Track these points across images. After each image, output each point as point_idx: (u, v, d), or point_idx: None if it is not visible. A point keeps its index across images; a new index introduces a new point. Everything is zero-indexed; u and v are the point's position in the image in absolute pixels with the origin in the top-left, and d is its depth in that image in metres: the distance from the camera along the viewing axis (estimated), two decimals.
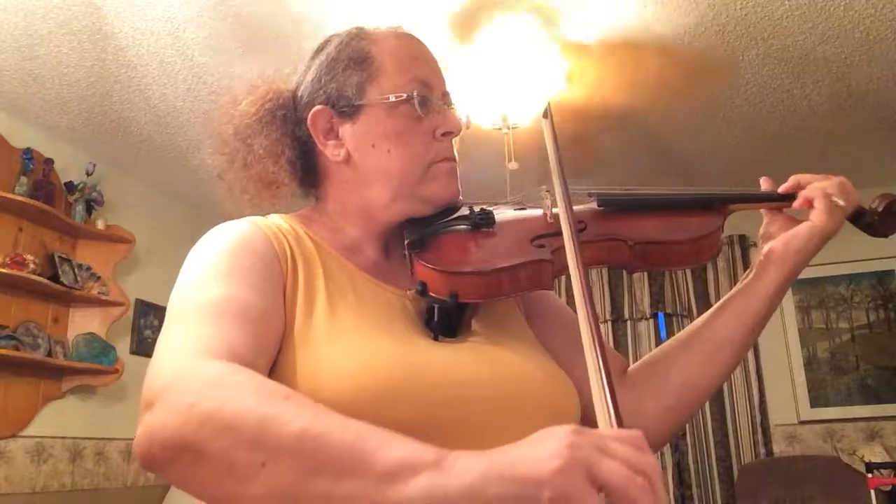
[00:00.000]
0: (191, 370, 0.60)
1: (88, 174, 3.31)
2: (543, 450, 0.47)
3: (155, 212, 3.88)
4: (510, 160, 2.78)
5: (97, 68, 2.75)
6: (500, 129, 2.81)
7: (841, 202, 0.86)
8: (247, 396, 0.57)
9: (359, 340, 0.73)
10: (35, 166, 3.06)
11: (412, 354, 0.73)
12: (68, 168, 3.29)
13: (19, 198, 2.93)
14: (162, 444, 0.56)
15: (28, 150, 3.04)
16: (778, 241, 0.88)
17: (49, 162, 3.14)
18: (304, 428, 0.53)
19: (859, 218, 0.90)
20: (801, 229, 0.86)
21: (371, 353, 0.71)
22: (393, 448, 0.51)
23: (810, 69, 2.82)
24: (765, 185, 0.94)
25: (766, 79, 2.89)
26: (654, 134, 3.36)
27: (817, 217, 0.85)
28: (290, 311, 0.75)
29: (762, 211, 0.94)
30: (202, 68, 2.75)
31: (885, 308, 3.99)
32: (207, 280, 0.72)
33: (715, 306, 0.92)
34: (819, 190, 0.87)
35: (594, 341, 0.62)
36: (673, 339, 0.94)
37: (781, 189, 0.91)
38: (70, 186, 3.28)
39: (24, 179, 2.99)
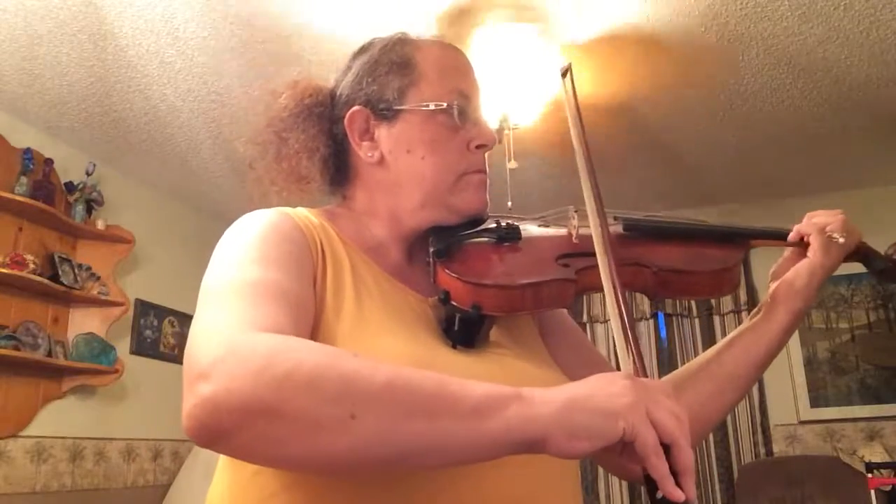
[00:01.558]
0: (248, 340, 0.59)
1: (88, 174, 3.31)
2: (613, 388, 0.56)
3: (155, 212, 3.88)
4: (510, 160, 2.78)
5: (97, 68, 2.75)
6: (500, 129, 2.81)
7: (840, 239, 0.87)
8: (319, 356, 0.57)
9: (384, 339, 0.73)
10: (35, 166, 3.06)
11: (436, 360, 0.74)
12: (68, 168, 3.29)
13: (19, 198, 2.93)
14: (231, 409, 0.54)
15: (28, 150, 3.04)
16: (782, 280, 0.90)
17: (49, 162, 3.14)
18: (390, 377, 0.55)
19: (871, 263, 0.92)
20: (801, 267, 0.88)
21: (395, 353, 0.71)
22: (475, 387, 0.56)
23: (810, 69, 2.82)
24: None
25: (766, 79, 2.89)
26: (655, 134, 3.36)
27: (813, 254, 0.87)
28: (320, 302, 0.75)
29: (785, 250, 0.95)
30: (202, 68, 2.75)
31: (885, 308, 3.99)
32: (244, 263, 0.72)
33: (724, 341, 0.94)
34: (814, 226, 0.88)
35: (617, 300, 0.67)
36: (681, 370, 0.96)
37: (790, 237, 0.92)
38: (70, 186, 3.28)
39: (24, 179, 2.99)
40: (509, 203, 2.71)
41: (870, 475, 3.22)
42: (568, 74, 0.91)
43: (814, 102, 3.08)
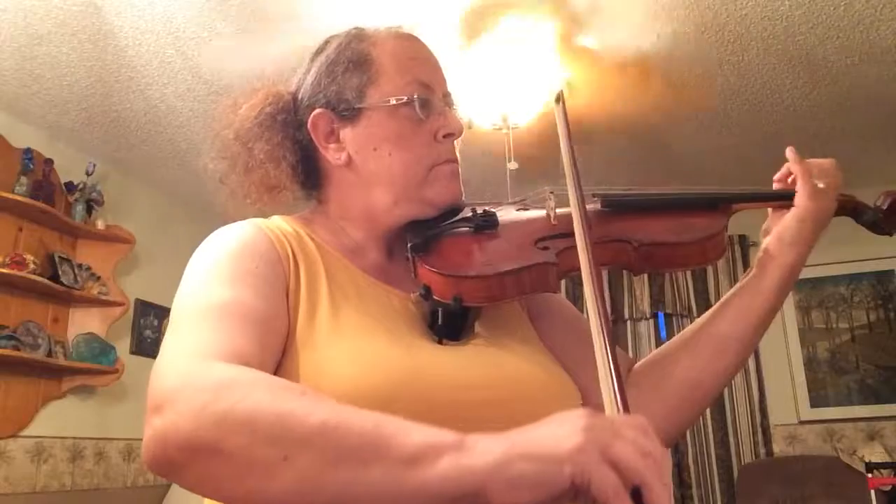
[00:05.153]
0: (200, 372, 0.60)
1: (88, 174, 3.31)
2: (561, 430, 0.50)
3: (155, 212, 3.88)
4: (510, 160, 2.78)
5: (97, 68, 2.75)
6: (500, 129, 2.81)
7: (820, 184, 0.85)
8: (261, 394, 0.57)
9: (361, 342, 0.73)
10: (35, 166, 3.06)
11: (413, 357, 0.73)
12: (68, 168, 3.29)
13: (19, 198, 2.93)
14: (177, 445, 0.56)
15: (28, 150, 3.04)
16: (771, 236, 0.87)
17: (49, 162, 3.14)
18: (324, 420, 0.54)
19: (862, 215, 0.89)
20: (789, 218, 0.85)
21: (372, 355, 0.71)
22: (413, 433, 0.53)
23: (810, 69, 2.82)
24: (778, 185, 0.92)
25: (766, 79, 2.89)
26: (654, 135, 3.36)
27: (799, 200, 0.84)
28: (293, 312, 0.74)
29: (769, 210, 0.92)
30: (202, 68, 2.75)
31: (885, 308, 3.99)
32: (211, 283, 0.72)
33: (718, 304, 0.89)
34: (799, 170, 0.86)
35: (602, 329, 0.62)
36: (676, 337, 0.92)
37: (775, 178, 0.89)
38: (70, 186, 3.28)
39: (24, 179, 2.99)
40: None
41: (870, 475, 3.22)
42: (561, 101, 0.89)
43: (814, 102, 3.08)
